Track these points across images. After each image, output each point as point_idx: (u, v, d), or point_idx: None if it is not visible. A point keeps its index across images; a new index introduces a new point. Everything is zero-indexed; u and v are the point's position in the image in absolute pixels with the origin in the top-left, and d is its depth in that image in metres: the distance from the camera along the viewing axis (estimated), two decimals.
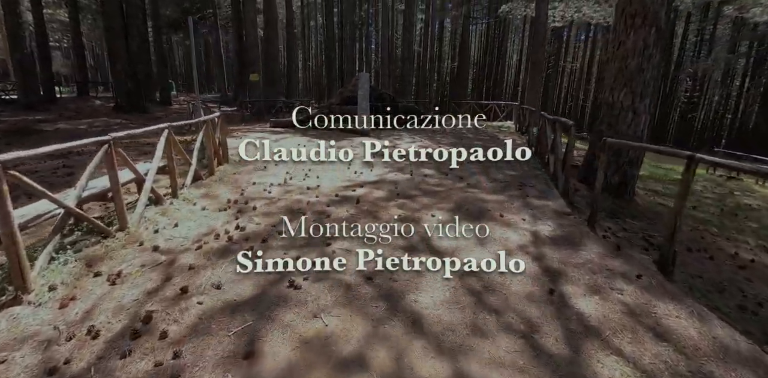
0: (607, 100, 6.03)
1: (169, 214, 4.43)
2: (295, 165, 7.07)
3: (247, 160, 7.35)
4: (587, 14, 18.80)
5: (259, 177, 6.22)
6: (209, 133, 5.82)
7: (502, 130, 14.15)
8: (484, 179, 6.27)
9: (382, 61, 38.32)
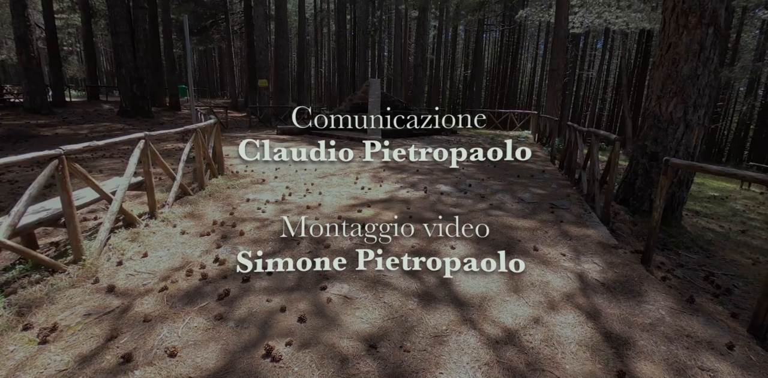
0: (654, 110, 5.21)
1: (140, 240, 3.74)
2: (296, 178, 6.37)
3: (245, 173, 6.70)
4: (608, 20, 17.93)
5: (254, 192, 5.52)
6: (200, 143, 5.15)
7: (520, 140, 13.33)
8: (508, 199, 5.48)
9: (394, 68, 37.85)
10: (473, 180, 6.51)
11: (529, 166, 8.04)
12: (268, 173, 6.66)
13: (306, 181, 6.19)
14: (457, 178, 6.58)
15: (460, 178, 6.65)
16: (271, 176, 6.45)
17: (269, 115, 15.77)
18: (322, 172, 6.76)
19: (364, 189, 5.75)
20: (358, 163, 7.63)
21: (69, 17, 22.94)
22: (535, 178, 6.88)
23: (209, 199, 5.12)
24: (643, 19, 17.37)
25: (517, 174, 7.10)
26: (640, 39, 30.53)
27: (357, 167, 7.21)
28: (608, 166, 5.05)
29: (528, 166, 8.03)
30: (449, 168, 7.45)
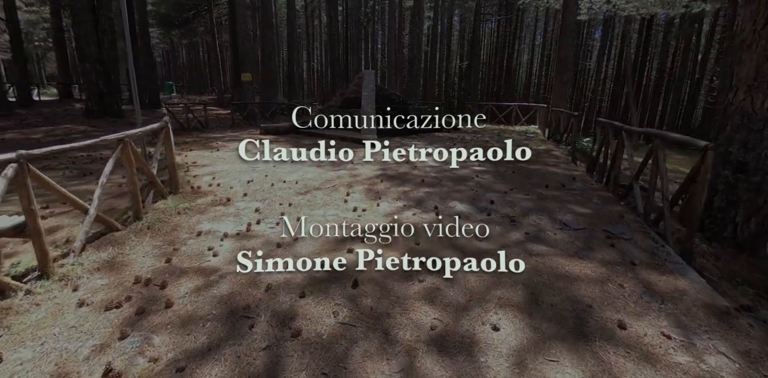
0: (742, 106, 3.83)
1: (6, 324, 2.33)
2: (271, 195, 4.95)
3: (209, 189, 5.27)
4: (618, 5, 16.45)
5: (212, 219, 4.10)
6: (129, 158, 3.71)
7: (529, 136, 11.92)
8: (547, 223, 4.10)
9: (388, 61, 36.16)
10: (493, 193, 5.12)
11: (552, 171, 6.66)
12: (237, 188, 5.24)
13: (283, 199, 4.77)
14: (472, 191, 5.19)
15: (477, 189, 5.26)
16: (239, 192, 5.03)
17: (254, 113, 14.23)
18: (304, 186, 5.34)
19: (356, 210, 4.35)
20: (351, 170, 6.21)
21: (40, 9, 21.08)
22: (568, 188, 5.51)
23: (145, 234, 3.69)
24: (656, 4, 15.93)
25: (544, 183, 5.72)
26: (641, 27, 29.07)
27: (348, 177, 5.80)
28: (686, 184, 3.68)
29: (551, 171, 6.65)
30: (460, 175, 6.05)
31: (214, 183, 5.52)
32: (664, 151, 4.06)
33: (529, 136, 11.83)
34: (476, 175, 6.10)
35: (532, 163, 7.24)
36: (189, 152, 7.88)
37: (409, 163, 6.75)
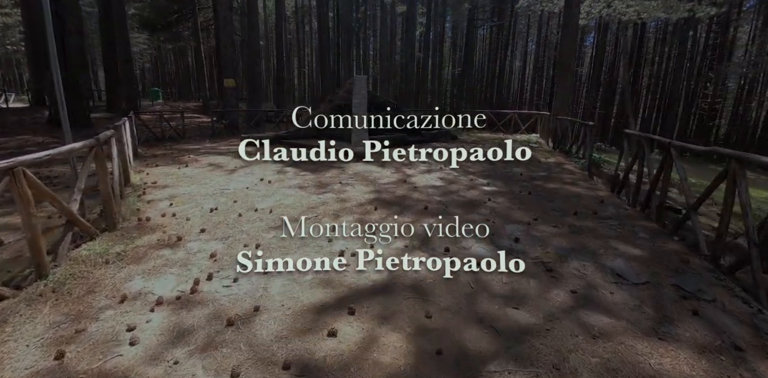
0: None
1: None
2: (236, 230, 3.88)
3: (160, 221, 4.18)
4: (618, 9, 15.74)
5: (149, 273, 3.02)
6: (24, 192, 2.62)
7: (533, 146, 11.00)
8: (595, 273, 3.09)
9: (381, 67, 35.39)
10: (514, 224, 4.11)
11: (573, 191, 5.68)
12: (195, 221, 4.15)
13: (250, 236, 3.71)
14: (488, 221, 4.16)
15: (493, 219, 4.25)
16: (196, 227, 3.94)
17: (237, 121, 13.15)
18: (279, 215, 4.27)
19: (343, 256, 3.29)
20: (339, 192, 5.16)
21: (13, 11, 19.81)
22: (601, 216, 4.52)
23: (45, 302, 2.60)
24: (658, 8, 15.24)
25: (570, 208, 4.73)
26: (635, 33, 28.64)
27: (335, 202, 4.75)
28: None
29: (573, 191, 5.67)
30: (469, 199, 5.03)
31: (169, 212, 4.43)
32: (746, 177, 3.08)
33: (533, 147, 10.90)
34: (488, 197, 5.09)
35: (548, 181, 6.27)
36: (153, 169, 6.77)
37: (408, 183, 5.72)
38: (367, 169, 6.56)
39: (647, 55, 31.83)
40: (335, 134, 9.51)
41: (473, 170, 6.90)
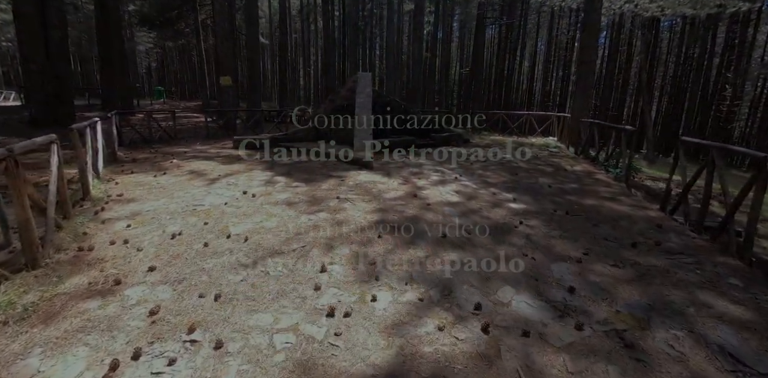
0: None
1: None
2: (195, 269, 2.92)
3: (105, 252, 3.22)
4: (641, 5, 14.61)
5: (57, 341, 2.08)
6: None
7: (552, 151, 9.96)
8: (695, 351, 2.09)
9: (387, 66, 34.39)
10: (561, 263, 3.11)
11: (617, 210, 4.66)
12: (147, 252, 3.20)
13: (212, 279, 2.75)
14: (526, 257, 3.18)
15: (532, 254, 3.25)
16: (145, 262, 2.99)
17: (233, 121, 12.22)
18: (256, 247, 3.31)
19: (334, 317, 2.32)
20: (335, 211, 4.18)
21: (8, 7, 19.06)
22: (668, 249, 3.51)
23: None
24: (685, 3, 14.09)
25: (626, 237, 3.72)
26: (651, 31, 27.38)
27: (329, 226, 3.77)
28: None
29: (616, 210, 4.65)
30: (495, 220, 4.04)
31: (121, 237, 3.49)
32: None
33: (553, 152, 9.88)
34: (519, 220, 4.08)
35: (583, 196, 5.25)
36: (125, 177, 5.84)
37: (419, 198, 4.74)
38: (371, 179, 5.58)
39: (660, 55, 30.63)
40: (336, 136, 8.56)
41: (494, 181, 5.89)
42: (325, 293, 2.58)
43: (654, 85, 30.18)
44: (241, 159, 7.35)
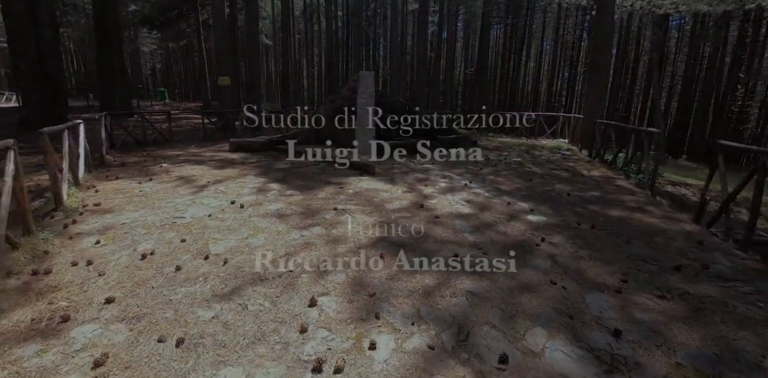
0: None
1: None
2: (160, 302, 2.43)
3: (64, 275, 2.74)
4: (654, 1, 14.02)
5: None
6: None
7: (564, 153, 9.42)
8: None
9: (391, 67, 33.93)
10: (596, 293, 2.59)
11: (650, 223, 4.13)
12: (109, 277, 2.72)
13: (177, 315, 2.26)
14: (554, 287, 2.67)
15: (562, 282, 2.74)
16: (104, 291, 2.51)
17: (232, 122, 11.78)
18: (236, 272, 2.82)
19: (321, 376, 1.83)
20: (330, 225, 3.69)
21: None
22: (718, 273, 2.99)
23: None
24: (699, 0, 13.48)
25: (665, 258, 3.20)
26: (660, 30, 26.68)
27: (323, 245, 3.28)
28: None
29: (649, 223, 4.12)
30: (513, 237, 3.53)
31: (85, 258, 3.02)
32: None
33: (565, 154, 9.33)
34: (540, 236, 3.57)
35: (607, 206, 4.73)
36: (108, 183, 5.39)
37: (426, 209, 4.23)
38: (372, 187, 5.09)
39: (668, 55, 29.96)
40: (337, 139, 8.07)
41: (506, 188, 5.37)
42: (313, 337, 2.08)
43: (663, 85, 29.49)
44: (235, 163, 6.89)
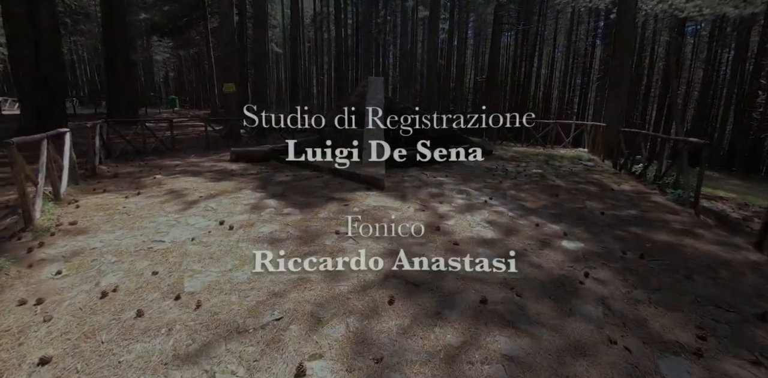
0: None
1: None
2: (109, 365, 1.86)
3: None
4: (675, 5, 13.37)
5: None
6: None
7: (586, 164, 8.75)
8: None
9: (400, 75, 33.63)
10: (672, 358, 1.98)
11: (707, 251, 3.49)
12: (55, 325, 2.18)
13: None
14: (614, 346, 2.06)
15: (620, 338, 2.13)
16: (41, 347, 1.97)
17: (236, 130, 11.38)
18: (207, 320, 2.27)
19: None
20: (332, 252, 3.12)
21: None
22: None
23: None
24: (726, 2, 12.82)
25: (742, 301, 2.58)
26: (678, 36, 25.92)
27: (321, 281, 2.72)
28: None
29: (705, 251, 3.48)
30: (549, 271, 2.93)
31: (37, 294, 2.50)
32: None
33: (588, 165, 8.67)
34: (582, 269, 2.96)
35: (650, 228, 4.09)
36: (92, 198, 4.91)
37: (442, 232, 3.65)
38: (381, 204, 4.52)
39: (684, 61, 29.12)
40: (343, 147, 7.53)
41: (532, 205, 4.76)
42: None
43: (679, 92, 28.59)
44: (234, 174, 6.39)
